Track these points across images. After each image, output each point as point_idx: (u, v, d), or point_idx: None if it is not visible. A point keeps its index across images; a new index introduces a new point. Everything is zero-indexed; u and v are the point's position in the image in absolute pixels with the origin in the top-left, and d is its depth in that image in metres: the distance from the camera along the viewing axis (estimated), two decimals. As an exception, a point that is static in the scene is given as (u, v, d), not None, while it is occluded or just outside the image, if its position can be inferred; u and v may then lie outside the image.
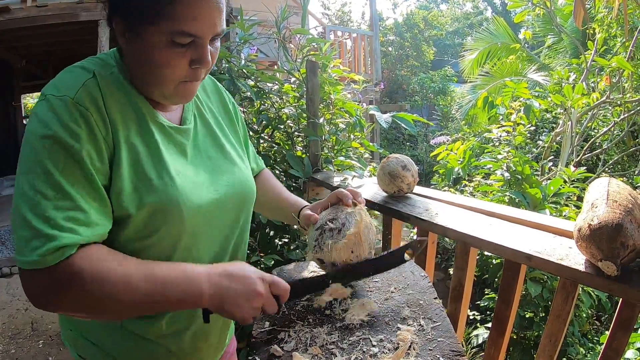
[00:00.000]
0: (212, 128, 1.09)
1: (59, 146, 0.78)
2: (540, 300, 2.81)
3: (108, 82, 0.87)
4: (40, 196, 0.76)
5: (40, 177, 0.77)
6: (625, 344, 1.16)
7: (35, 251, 0.74)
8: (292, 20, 3.09)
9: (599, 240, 1.03)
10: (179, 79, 0.88)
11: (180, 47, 0.84)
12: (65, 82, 0.84)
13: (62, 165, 0.78)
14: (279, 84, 2.81)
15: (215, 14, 0.85)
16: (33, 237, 0.74)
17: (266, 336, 0.96)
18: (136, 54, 0.88)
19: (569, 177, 3.42)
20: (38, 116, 0.81)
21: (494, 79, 8.95)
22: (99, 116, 0.83)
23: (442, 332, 0.93)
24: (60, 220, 0.75)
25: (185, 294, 0.83)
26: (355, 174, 2.44)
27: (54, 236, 0.74)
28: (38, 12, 6.02)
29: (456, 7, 26.41)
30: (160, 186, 0.88)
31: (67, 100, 0.80)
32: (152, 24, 0.81)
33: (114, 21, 0.87)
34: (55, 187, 0.77)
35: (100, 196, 0.82)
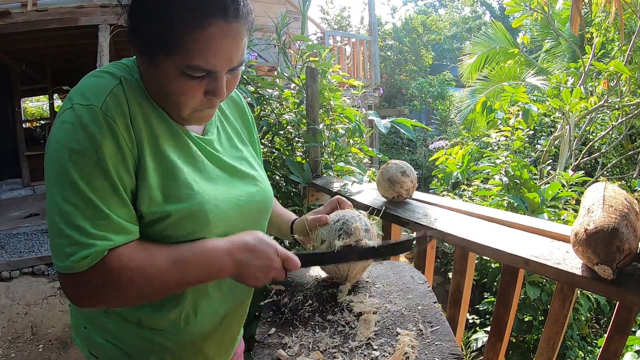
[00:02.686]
0: (233, 139, 1.12)
1: (86, 158, 0.80)
2: (539, 304, 2.82)
3: (133, 89, 0.88)
4: (71, 206, 0.79)
5: (70, 189, 0.80)
6: (622, 346, 1.17)
7: (70, 257, 0.78)
8: (291, 26, 3.11)
9: (595, 245, 1.04)
10: (193, 107, 0.89)
11: (194, 78, 0.84)
12: (93, 89, 0.85)
13: (88, 177, 0.80)
14: (279, 90, 2.82)
15: (231, 49, 0.83)
16: (67, 244, 0.79)
17: (270, 340, 0.97)
18: (152, 77, 0.89)
19: (567, 181, 3.44)
20: (65, 126, 0.82)
21: (492, 83, 8.97)
22: (124, 127, 0.84)
23: (441, 335, 0.94)
24: (90, 228, 0.79)
25: (210, 273, 0.91)
26: (355, 179, 2.45)
27: (86, 243, 0.79)
28: (38, 16, 6.03)
29: (454, 12, 26.49)
30: (189, 194, 0.90)
31: (95, 110, 0.81)
32: (166, 55, 0.81)
33: (130, 42, 0.87)
34: (83, 198, 0.80)
35: (126, 204, 0.85)
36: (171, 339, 1.00)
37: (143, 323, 0.98)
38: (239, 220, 1.02)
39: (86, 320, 1.06)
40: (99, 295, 0.84)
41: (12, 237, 6.23)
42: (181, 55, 0.80)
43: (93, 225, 0.80)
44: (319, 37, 9.67)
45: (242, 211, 1.02)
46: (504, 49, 9.20)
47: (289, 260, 0.97)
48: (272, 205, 1.17)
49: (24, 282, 5.01)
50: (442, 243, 3.75)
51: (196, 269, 0.89)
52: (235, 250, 0.92)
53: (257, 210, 1.08)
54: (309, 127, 2.62)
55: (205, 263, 0.90)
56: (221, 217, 0.95)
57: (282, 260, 0.97)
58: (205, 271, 0.91)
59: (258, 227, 1.10)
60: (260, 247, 0.94)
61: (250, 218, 1.05)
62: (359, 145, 2.93)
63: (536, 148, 6.02)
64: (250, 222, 1.05)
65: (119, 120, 0.83)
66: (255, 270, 0.93)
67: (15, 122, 9.25)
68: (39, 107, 18.05)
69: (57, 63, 9.11)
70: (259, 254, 0.94)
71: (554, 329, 1.36)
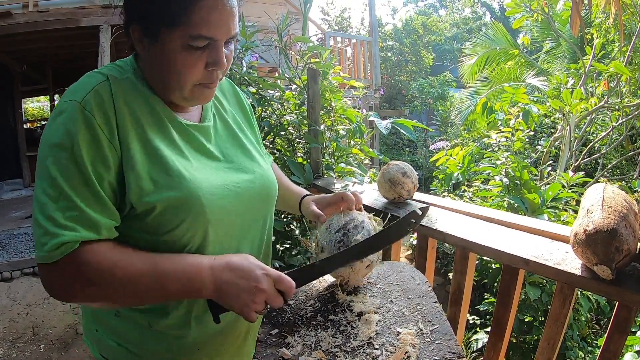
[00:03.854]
0: (231, 126, 1.12)
1: (62, 151, 0.83)
2: (539, 304, 2.83)
3: (122, 86, 0.91)
4: (47, 198, 0.82)
5: (47, 181, 0.83)
6: (622, 346, 1.18)
7: (43, 247, 0.81)
8: (292, 27, 3.12)
9: (594, 245, 1.05)
10: (195, 81, 0.91)
11: (196, 50, 0.87)
12: (78, 86, 0.88)
13: (64, 169, 0.83)
14: (280, 91, 2.83)
15: (229, 18, 0.88)
16: (42, 235, 0.81)
17: (272, 339, 0.98)
18: (154, 59, 0.91)
19: (567, 182, 3.44)
20: (49, 122, 0.88)
21: (492, 84, 8.98)
22: (103, 119, 0.86)
23: (442, 335, 0.95)
24: (61, 219, 0.81)
25: (186, 288, 0.87)
26: (356, 180, 2.46)
27: (56, 234, 0.80)
28: (40, 17, 6.04)
29: (455, 13, 26.50)
30: (180, 181, 0.90)
31: (74, 105, 0.85)
32: (169, 29, 0.85)
33: (131, 27, 0.91)
34: (58, 189, 0.82)
35: (100, 199, 0.85)
36: (182, 340, 1.01)
37: (153, 326, 0.98)
38: (238, 207, 1.01)
39: (97, 322, 1.06)
40: (70, 288, 0.85)
41: (13, 237, 6.23)
42: (185, 26, 0.84)
43: (64, 217, 0.81)
44: (320, 38, 9.68)
45: (240, 198, 1.01)
46: (505, 50, 9.20)
47: (281, 281, 0.90)
48: (275, 191, 1.15)
49: (25, 283, 5.02)
50: (443, 244, 3.77)
51: (174, 282, 0.87)
52: (217, 267, 0.89)
53: (257, 196, 1.07)
54: (310, 128, 2.63)
55: (183, 277, 0.87)
56: (217, 204, 0.95)
57: (274, 282, 0.90)
58: (184, 286, 0.87)
59: (260, 215, 1.10)
60: (246, 267, 0.89)
61: (250, 205, 1.05)
62: (359, 146, 2.94)
63: (536, 149, 6.02)
64: (250, 210, 1.05)
65: (97, 114, 0.85)
66: (239, 290, 0.87)
67: (16, 122, 9.25)
68: (40, 108, 18.06)
69: (58, 64, 9.11)
70: (243, 273, 0.88)
71: (554, 329, 1.37)
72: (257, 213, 1.09)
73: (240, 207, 1.02)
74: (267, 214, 1.14)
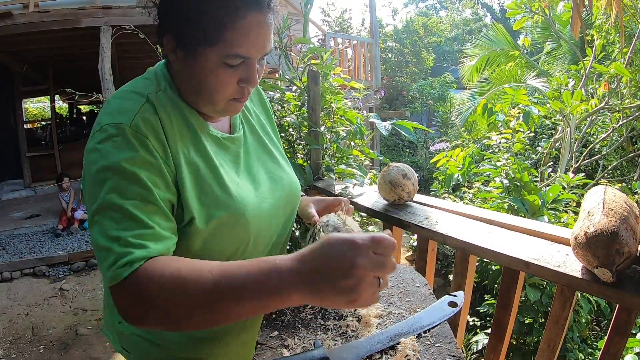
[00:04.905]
0: (259, 133, 1.13)
1: (120, 174, 0.81)
2: (539, 306, 2.82)
3: (163, 104, 0.90)
4: (107, 220, 0.79)
5: (105, 206, 0.80)
6: (622, 348, 1.18)
7: (111, 268, 0.76)
8: (293, 28, 3.12)
9: (595, 248, 1.05)
10: (228, 97, 0.91)
11: (230, 67, 0.87)
12: (119, 110, 0.86)
13: (124, 191, 0.80)
14: (281, 92, 2.83)
15: (265, 37, 0.88)
16: (107, 257, 0.77)
17: (272, 342, 0.98)
18: (186, 72, 0.91)
19: (567, 184, 3.44)
20: (96, 147, 0.83)
21: (493, 86, 8.97)
22: (157, 142, 0.85)
23: (441, 338, 0.95)
24: (129, 238, 0.78)
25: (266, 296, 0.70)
26: (356, 182, 2.46)
27: (123, 253, 0.76)
28: (40, 17, 6.06)
29: (455, 14, 26.52)
30: (226, 200, 0.92)
31: (124, 128, 0.83)
32: (205, 47, 0.84)
33: (164, 38, 0.89)
34: (119, 211, 0.79)
35: (164, 213, 0.84)
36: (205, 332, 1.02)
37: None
38: (275, 215, 1.05)
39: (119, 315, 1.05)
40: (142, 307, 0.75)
41: (14, 237, 6.25)
42: (222, 45, 0.83)
43: (130, 235, 0.78)
44: (320, 39, 9.68)
45: (274, 208, 1.04)
46: (505, 51, 9.19)
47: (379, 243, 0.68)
48: (299, 195, 1.18)
49: (25, 283, 5.03)
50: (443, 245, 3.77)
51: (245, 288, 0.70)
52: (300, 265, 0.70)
53: (287, 202, 1.10)
54: (310, 129, 2.63)
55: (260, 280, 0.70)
56: (259, 217, 0.98)
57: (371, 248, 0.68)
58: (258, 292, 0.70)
59: (285, 219, 1.12)
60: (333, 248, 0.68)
61: (281, 212, 1.08)
62: (360, 147, 2.94)
63: (537, 150, 6.03)
64: (281, 214, 1.09)
65: (150, 136, 0.84)
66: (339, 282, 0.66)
67: (16, 123, 9.28)
68: (40, 109, 18.09)
69: (59, 64, 9.13)
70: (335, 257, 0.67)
71: (554, 331, 1.37)
72: (285, 216, 1.12)
73: (274, 215, 1.05)
74: (292, 216, 1.17)
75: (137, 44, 5.77)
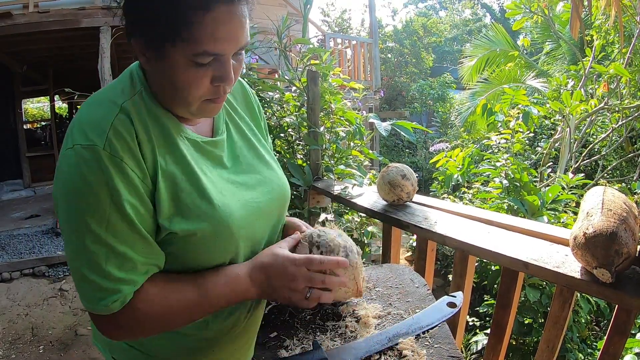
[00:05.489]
0: (245, 133, 1.08)
1: (100, 205, 0.78)
2: (538, 306, 2.83)
3: (138, 111, 0.86)
4: (92, 254, 0.79)
5: (88, 235, 0.79)
6: (621, 348, 1.18)
7: (101, 302, 0.81)
8: (292, 28, 3.12)
9: (594, 248, 1.05)
10: (201, 97, 0.86)
11: (201, 66, 0.81)
12: (92, 124, 0.81)
13: (106, 223, 0.79)
14: (280, 92, 2.83)
15: (238, 29, 0.81)
16: (95, 289, 0.81)
17: (271, 342, 0.98)
18: (157, 74, 0.86)
19: (567, 184, 3.44)
20: (70, 171, 0.80)
21: (492, 86, 8.97)
22: (133, 161, 0.81)
23: (440, 338, 0.95)
24: (117, 273, 0.81)
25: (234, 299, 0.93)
26: (356, 182, 2.46)
27: (115, 289, 0.81)
28: (40, 18, 6.05)
29: (455, 14, 26.52)
30: (208, 210, 0.88)
31: (99, 151, 0.78)
32: (172, 45, 0.79)
33: (132, 40, 0.84)
34: (104, 244, 0.79)
35: (147, 240, 0.84)
36: (197, 342, 1.00)
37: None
38: (261, 218, 1.02)
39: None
40: (131, 331, 0.89)
41: (13, 238, 6.23)
42: (188, 42, 0.77)
43: (119, 270, 0.81)
44: (320, 39, 9.69)
45: (261, 212, 1.01)
46: (505, 52, 9.20)
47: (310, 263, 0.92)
48: (289, 193, 1.14)
49: (25, 284, 5.02)
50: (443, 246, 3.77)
51: (222, 298, 0.91)
52: (254, 273, 0.93)
53: (276, 204, 1.07)
54: (309, 130, 2.63)
55: (229, 291, 0.91)
56: (244, 224, 0.95)
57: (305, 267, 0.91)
58: (232, 299, 0.92)
59: (278, 221, 1.11)
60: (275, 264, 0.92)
61: (270, 214, 1.05)
62: (359, 147, 2.95)
63: (536, 150, 6.03)
64: (270, 217, 1.06)
65: (126, 157, 0.80)
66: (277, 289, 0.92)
67: (16, 123, 9.27)
68: (40, 109, 18.08)
69: (59, 64, 9.12)
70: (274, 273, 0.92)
71: (553, 332, 1.37)
72: (274, 218, 1.09)
73: (261, 219, 1.02)
74: (281, 218, 1.14)
75: (136, 44, 5.75)
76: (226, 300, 0.92)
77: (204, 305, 0.90)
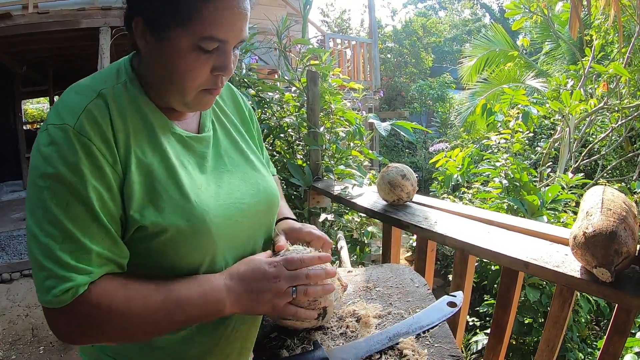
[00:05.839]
0: (232, 134, 1.06)
1: (62, 185, 0.75)
2: (538, 306, 2.83)
3: (117, 99, 0.84)
4: (48, 238, 0.74)
5: (46, 218, 0.75)
6: (621, 348, 1.18)
7: (51, 291, 0.74)
8: (292, 29, 3.13)
9: (593, 248, 1.05)
10: (199, 86, 0.85)
11: (204, 52, 0.81)
12: (67, 107, 0.80)
13: (65, 205, 0.75)
14: (280, 93, 2.84)
15: (242, 21, 0.82)
16: (46, 277, 0.74)
17: (272, 342, 0.98)
18: (157, 58, 0.84)
19: (566, 184, 3.44)
20: (40, 150, 0.77)
21: (492, 86, 8.97)
22: (103, 143, 0.79)
23: (441, 338, 0.95)
24: (70, 260, 0.74)
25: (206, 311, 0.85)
26: (355, 182, 2.46)
27: (66, 277, 0.74)
28: (39, 18, 6.05)
29: (454, 14, 26.53)
30: (183, 205, 0.85)
31: (68, 130, 0.76)
32: (179, 27, 0.78)
33: (133, 21, 0.82)
34: (61, 228, 0.75)
35: (109, 233, 0.79)
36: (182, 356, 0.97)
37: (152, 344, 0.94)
38: (243, 223, 0.96)
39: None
40: (83, 331, 0.79)
41: (13, 238, 6.23)
42: (198, 25, 0.78)
43: (72, 257, 0.75)
44: (320, 39, 9.69)
45: (244, 214, 0.96)
46: (504, 52, 9.20)
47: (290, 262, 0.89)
48: (277, 200, 1.09)
49: (25, 284, 5.02)
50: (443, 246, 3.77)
51: (193, 307, 0.83)
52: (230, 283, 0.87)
53: (261, 209, 1.02)
54: (309, 130, 2.63)
55: (202, 301, 0.84)
56: (223, 225, 0.90)
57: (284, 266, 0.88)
58: (204, 310, 0.84)
59: (263, 226, 1.05)
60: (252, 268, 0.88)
61: (254, 219, 1.00)
62: (359, 148, 2.95)
63: (536, 150, 6.04)
64: (255, 222, 1.01)
65: (95, 138, 0.77)
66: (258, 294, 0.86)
67: (16, 123, 9.26)
68: (39, 109, 18.08)
69: (59, 65, 9.12)
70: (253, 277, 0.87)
71: (553, 331, 1.37)
72: (261, 223, 1.04)
73: (245, 222, 0.97)
74: (268, 223, 1.08)
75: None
76: (198, 309, 0.84)
77: (173, 312, 0.82)
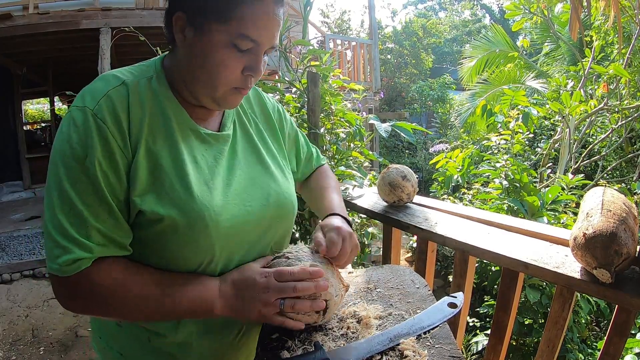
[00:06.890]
0: (253, 138, 1.07)
1: (75, 162, 0.81)
2: (538, 307, 2.83)
3: (140, 91, 0.88)
4: (58, 209, 0.81)
5: (59, 192, 0.81)
6: (621, 348, 1.18)
7: (56, 260, 0.81)
8: (292, 29, 3.13)
9: (593, 249, 1.06)
10: (230, 84, 0.89)
11: (238, 51, 0.85)
12: (91, 92, 0.86)
13: (76, 182, 0.81)
14: (280, 94, 2.84)
15: (276, 28, 0.87)
16: (54, 246, 0.81)
17: (273, 343, 0.98)
18: (192, 52, 0.87)
19: (567, 185, 3.44)
20: (61, 129, 0.84)
21: (492, 87, 8.98)
22: (115, 127, 0.83)
23: (441, 338, 0.95)
24: (75, 234, 0.81)
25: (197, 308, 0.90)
26: (356, 183, 2.46)
27: (69, 248, 0.80)
28: (39, 19, 6.06)
29: (454, 15, 26.55)
30: (185, 198, 0.87)
31: (87, 112, 0.82)
32: (218, 23, 0.83)
33: (174, 15, 0.86)
34: (69, 203, 0.81)
35: (114, 214, 0.84)
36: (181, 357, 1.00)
37: (152, 342, 0.98)
38: (251, 226, 0.97)
39: (101, 330, 1.05)
40: (84, 303, 0.86)
41: (13, 239, 6.23)
42: (235, 23, 0.82)
43: (76, 232, 0.81)
44: (320, 40, 9.69)
45: (249, 217, 0.96)
46: (504, 52, 9.21)
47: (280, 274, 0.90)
48: (291, 208, 1.08)
49: (25, 285, 5.02)
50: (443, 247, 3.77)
51: (185, 303, 0.88)
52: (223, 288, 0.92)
53: (270, 215, 1.01)
54: (310, 131, 2.63)
55: (194, 298, 0.89)
56: (224, 224, 0.91)
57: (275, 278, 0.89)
58: (195, 307, 0.89)
59: (273, 231, 1.05)
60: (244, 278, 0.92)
61: (260, 223, 1.00)
62: (359, 149, 2.94)
63: (536, 151, 6.04)
64: (261, 227, 1.01)
65: (109, 122, 0.83)
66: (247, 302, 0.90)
67: (16, 124, 9.26)
68: (40, 110, 18.08)
69: (59, 66, 9.12)
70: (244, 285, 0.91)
71: (553, 332, 1.37)
72: (270, 228, 1.03)
73: (250, 225, 0.98)
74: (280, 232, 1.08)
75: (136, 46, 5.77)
76: (189, 304, 0.88)
77: (164, 303, 0.87)
